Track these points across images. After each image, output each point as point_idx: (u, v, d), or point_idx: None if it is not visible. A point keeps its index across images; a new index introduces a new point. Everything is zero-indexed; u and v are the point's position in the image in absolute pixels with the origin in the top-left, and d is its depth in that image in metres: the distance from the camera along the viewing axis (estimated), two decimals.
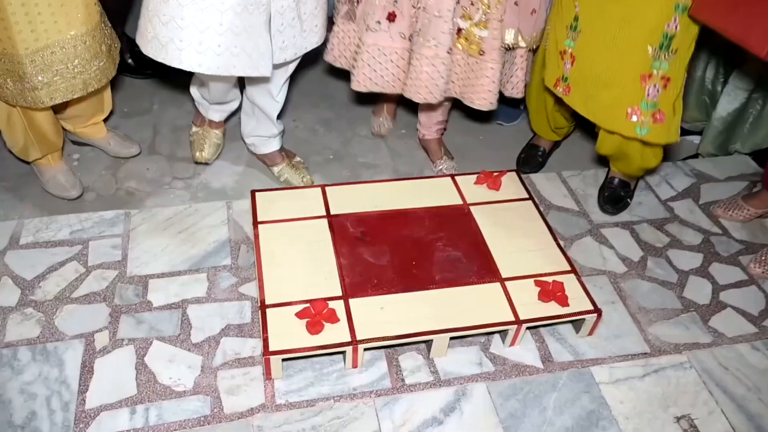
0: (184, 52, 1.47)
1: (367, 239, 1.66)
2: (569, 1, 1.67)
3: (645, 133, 1.68)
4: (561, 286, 1.56)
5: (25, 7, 1.47)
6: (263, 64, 1.55)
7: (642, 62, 1.61)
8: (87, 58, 1.62)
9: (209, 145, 2.04)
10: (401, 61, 1.77)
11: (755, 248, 1.89)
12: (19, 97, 1.61)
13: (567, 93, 1.77)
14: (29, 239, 1.70)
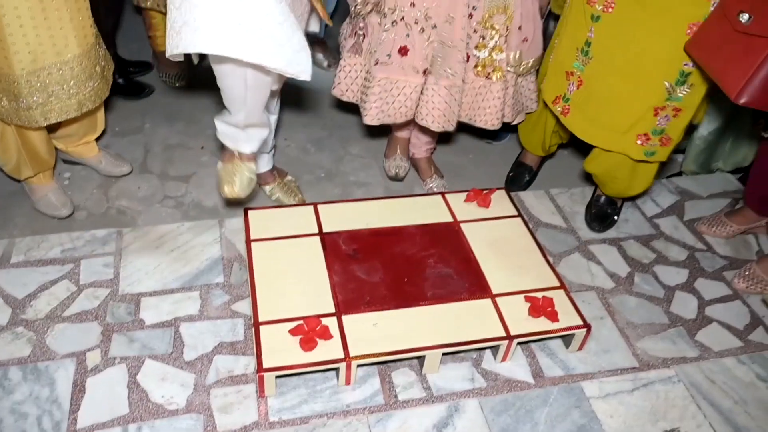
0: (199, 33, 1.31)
1: (359, 256, 1.68)
2: (583, 24, 1.68)
3: (651, 155, 1.73)
4: (551, 302, 1.59)
5: (23, 29, 1.49)
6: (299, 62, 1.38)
7: (657, 96, 1.63)
8: (82, 79, 1.63)
9: (240, 178, 1.76)
10: (414, 94, 1.78)
11: (739, 263, 1.93)
12: (13, 115, 1.63)
13: (565, 114, 1.79)
14: (20, 258, 1.70)
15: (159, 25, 2.41)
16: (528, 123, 2.10)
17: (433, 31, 1.67)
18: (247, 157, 1.75)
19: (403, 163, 2.13)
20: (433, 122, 1.81)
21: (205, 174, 2.15)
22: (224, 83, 1.53)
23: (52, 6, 1.51)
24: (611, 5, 1.59)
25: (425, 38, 1.68)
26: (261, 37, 1.31)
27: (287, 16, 1.33)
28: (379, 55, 1.72)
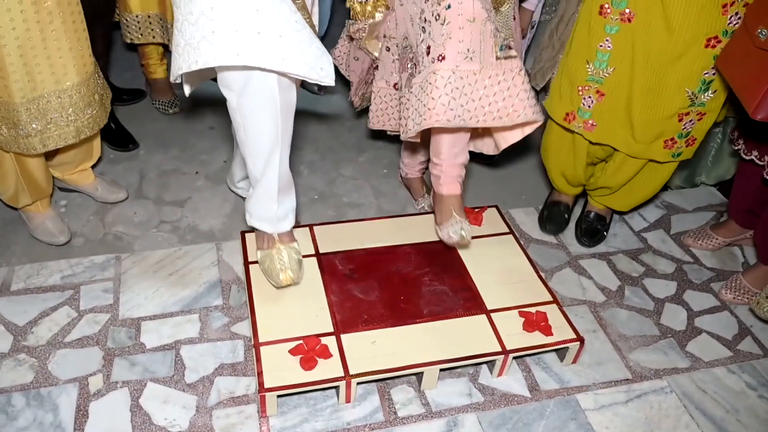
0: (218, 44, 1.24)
1: (355, 276, 1.71)
2: (594, 37, 1.67)
3: (677, 156, 1.78)
4: (544, 317, 1.62)
5: (23, 58, 1.52)
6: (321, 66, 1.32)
7: (680, 103, 1.66)
8: (81, 106, 1.67)
9: (290, 262, 1.62)
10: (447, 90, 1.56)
11: (725, 275, 1.98)
12: (12, 143, 1.65)
13: (590, 129, 1.79)
14: (20, 285, 1.71)
15: (152, 54, 2.46)
16: (551, 158, 2.01)
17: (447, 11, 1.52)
18: (288, 236, 1.67)
19: (466, 225, 1.73)
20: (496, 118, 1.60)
21: (200, 198, 2.18)
22: (253, 119, 1.42)
23: (52, 36, 1.55)
24: (631, 16, 1.59)
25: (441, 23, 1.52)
26: (282, 44, 1.26)
27: (304, 24, 1.30)
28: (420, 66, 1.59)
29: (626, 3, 1.58)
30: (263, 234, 1.65)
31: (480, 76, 1.51)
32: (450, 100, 1.50)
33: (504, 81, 1.53)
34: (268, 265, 1.62)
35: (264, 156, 1.48)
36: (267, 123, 1.42)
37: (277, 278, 1.59)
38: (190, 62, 1.26)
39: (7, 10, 1.45)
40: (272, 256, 1.62)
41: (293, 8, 1.28)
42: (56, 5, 1.53)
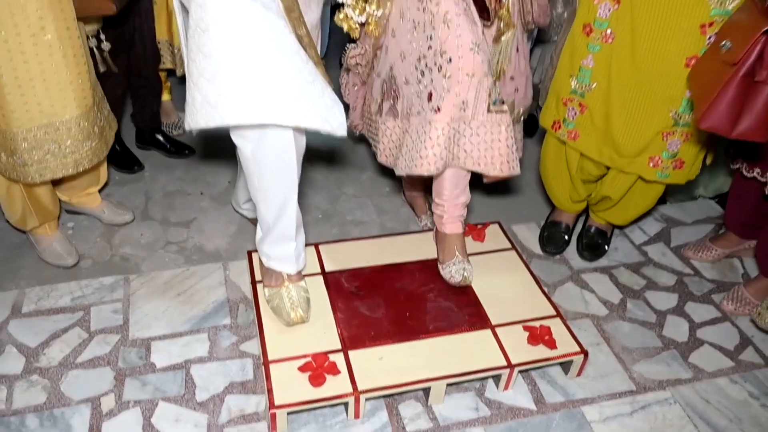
0: (235, 104, 1.26)
1: (361, 293, 1.74)
2: (578, 53, 1.73)
3: (665, 177, 1.79)
4: (548, 330, 1.65)
5: (21, 88, 1.53)
6: (333, 118, 1.34)
7: (663, 122, 1.68)
8: (80, 138, 1.67)
9: (300, 300, 1.64)
10: (441, 139, 1.63)
11: (726, 286, 2.01)
12: (10, 170, 1.67)
13: (574, 138, 1.84)
14: (31, 308, 1.74)
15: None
16: (550, 173, 2.04)
17: (449, 65, 1.58)
18: (297, 275, 1.68)
19: (468, 265, 1.79)
20: (492, 166, 1.67)
21: (206, 219, 2.21)
22: (269, 169, 1.44)
23: (51, 69, 1.54)
24: (611, 37, 1.65)
25: (443, 75, 1.59)
26: (297, 99, 1.28)
27: (315, 75, 1.33)
28: (414, 109, 1.66)
29: (608, 24, 1.64)
30: (272, 272, 1.66)
31: (470, 126, 1.61)
32: (441, 150, 1.61)
33: (491, 133, 1.62)
34: (277, 303, 1.63)
35: (279, 202, 1.51)
36: (283, 172, 1.45)
37: (288, 317, 1.61)
38: (207, 119, 1.28)
39: (5, 41, 1.46)
40: (281, 294, 1.63)
41: (305, 58, 1.31)
42: (57, 39, 1.53)
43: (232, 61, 1.24)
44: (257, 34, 1.24)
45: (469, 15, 1.56)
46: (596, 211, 2.08)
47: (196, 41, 1.26)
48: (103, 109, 1.79)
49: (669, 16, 1.53)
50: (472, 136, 1.61)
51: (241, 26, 1.23)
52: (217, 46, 1.23)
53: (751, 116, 1.34)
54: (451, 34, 1.54)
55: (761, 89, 1.32)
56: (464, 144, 1.62)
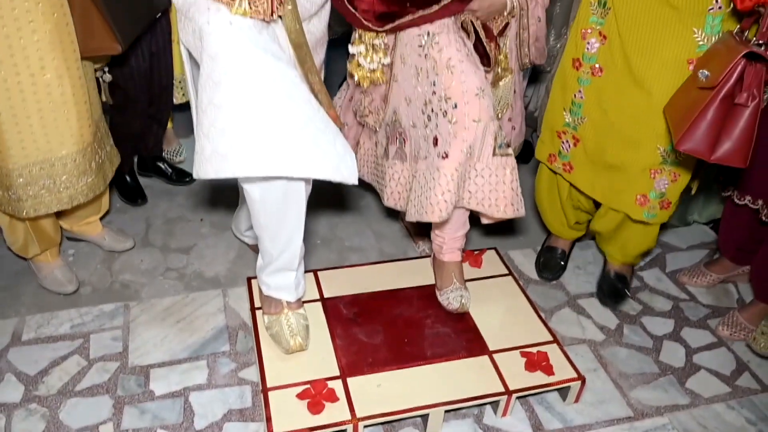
0: (246, 156, 1.25)
1: (360, 320, 1.75)
2: (569, 86, 1.75)
3: (652, 217, 1.78)
4: (545, 356, 1.66)
5: (18, 126, 1.53)
6: (344, 167, 1.33)
7: (652, 159, 1.68)
8: (75, 174, 1.66)
9: (299, 327, 1.64)
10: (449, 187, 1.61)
11: (721, 311, 2.03)
12: (6, 204, 1.67)
13: (569, 171, 1.86)
14: (31, 335, 1.75)
15: None
16: (544, 200, 2.07)
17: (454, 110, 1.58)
18: (297, 302, 1.69)
19: (465, 292, 1.81)
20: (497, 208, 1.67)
21: (205, 245, 2.22)
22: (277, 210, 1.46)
23: (49, 107, 1.55)
24: (600, 70, 1.67)
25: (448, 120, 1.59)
26: (309, 150, 1.28)
27: (327, 122, 1.33)
28: (422, 153, 1.68)
29: (596, 59, 1.67)
30: (272, 299, 1.67)
31: (475, 168, 1.61)
32: (450, 196, 1.60)
33: (495, 176, 1.62)
34: (276, 330, 1.64)
35: (284, 239, 1.53)
36: (290, 215, 1.48)
37: (287, 345, 1.61)
38: (217, 170, 1.27)
39: (3, 80, 1.47)
40: (281, 321, 1.65)
41: (316, 105, 1.32)
42: (56, 78, 1.53)
43: (244, 114, 1.24)
44: (268, 85, 1.25)
45: (471, 59, 1.58)
46: (602, 244, 2.05)
47: (207, 93, 1.26)
48: (104, 144, 1.79)
49: (657, 52, 1.56)
50: (476, 177, 1.62)
51: (252, 79, 1.24)
52: (228, 98, 1.24)
53: (730, 140, 1.35)
54: (455, 79, 1.55)
55: (740, 112, 1.32)
56: (469, 185, 1.63)
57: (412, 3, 1.52)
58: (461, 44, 1.57)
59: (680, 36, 1.52)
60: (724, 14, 1.47)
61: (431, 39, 1.57)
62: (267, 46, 1.27)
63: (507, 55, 1.70)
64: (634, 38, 1.57)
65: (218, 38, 1.24)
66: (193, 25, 1.29)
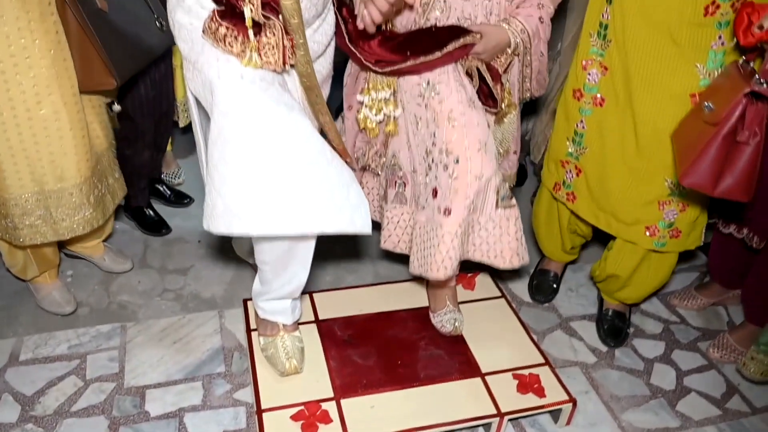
0: (260, 215, 1.24)
1: (354, 341, 1.77)
2: (571, 116, 1.77)
3: (662, 246, 1.76)
4: (537, 378, 1.68)
5: (14, 158, 1.56)
6: (358, 217, 1.32)
7: (659, 190, 1.67)
8: (71, 207, 1.68)
9: (294, 350, 1.65)
10: (455, 240, 1.59)
11: (711, 334, 2.05)
12: (2, 232, 1.69)
13: (572, 200, 1.85)
14: (29, 355, 1.77)
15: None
16: (542, 225, 2.08)
17: (456, 166, 1.56)
18: (293, 326, 1.71)
19: (459, 315, 1.83)
20: (502, 259, 1.66)
21: (203, 266, 2.25)
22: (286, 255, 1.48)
23: (45, 141, 1.57)
24: (602, 101, 1.68)
25: (449, 175, 1.57)
26: (319, 206, 1.26)
27: (341, 171, 1.31)
28: (420, 200, 1.66)
29: (597, 89, 1.69)
30: (267, 322, 1.69)
31: (478, 221, 1.61)
32: (455, 253, 1.58)
33: (499, 228, 1.62)
34: (272, 352, 1.66)
35: (289, 276, 1.55)
36: (298, 255, 1.50)
37: (282, 367, 1.63)
38: (229, 226, 1.26)
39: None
40: (276, 344, 1.66)
41: (329, 156, 1.29)
42: (52, 113, 1.55)
43: (257, 172, 1.23)
44: (282, 143, 1.24)
45: (473, 108, 1.56)
46: (608, 292, 2.01)
47: (218, 149, 1.25)
48: (106, 178, 1.80)
49: (659, 86, 1.56)
50: (480, 231, 1.61)
51: (265, 136, 1.23)
52: (241, 156, 1.23)
53: (732, 175, 1.38)
54: (456, 133, 1.53)
55: (742, 149, 1.35)
56: (473, 239, 1.63)
57: (413, 51, 1.50)
58: (463, 93, 1.55)
59: (683, 71, 1.53)
60: (727, 49, 1.49)
61: (431, 88, 1.55)
62: (279, 97, 1.26)
63: (510, 90, 1.68)
64: (637, 72, 1.58)
65: (229, 94, 1.23)
66: (202, 78, 1.28)
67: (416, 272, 1.67)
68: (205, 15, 1.26)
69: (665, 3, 1.48)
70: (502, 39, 1.55)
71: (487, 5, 1.57)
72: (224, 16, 1.23)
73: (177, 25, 1.34)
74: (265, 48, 1.23)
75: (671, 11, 1.48)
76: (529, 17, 1.58)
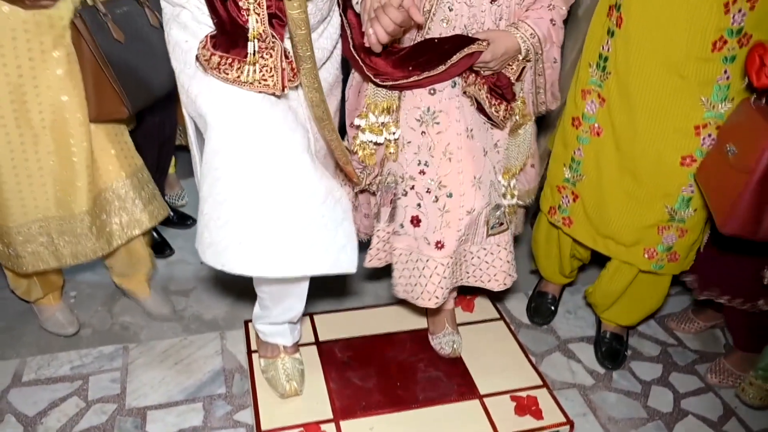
0: (245, 256, 1.25)
1: (354, 363, 1.79)
2: (568, 143, 1.78)
3: (659, 268, 1.77)
4: (535, 401, 1.70)
5: (19, 185, 1.58)
6: (344, 258, 1.31)
7: (659, 216, 1.68)
8: (74, 235, 1.68)
9: (294, 372, 1.67)
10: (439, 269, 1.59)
11: (709, 356, 2.06)
12: (5, 260, 1.71)
13: (568, 225, 1.86)
14: (32, 376, 1.79)
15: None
16: (541, 249, 2.09)
17: (448, 200, 1.55)
18: (293, 348, 1.71)
19: (457, 338, 1.84)
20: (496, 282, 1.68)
21: (204, 288, 2.27)
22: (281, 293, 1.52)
23: (49, 168, 1.59)
24: (600, 130, 1.69)
25: (438, 207, 1.55)
26: (305, 249, 1.25)
27: (332, 211, 1.28)
28: (395, 225, 1.63)
29: (595, 119, 1.70)
30: (268, 344, 1.70)
31: (470, 250, 1.62)
32: (446, 282, 1.58)
33: (491, 254, 1.63)
34: (272, 374, 1.67)
35: (286, 305, 1.59)
36: (294, 293, 1.54)
37: (282, 389, 1.64)
38: (214, 261, 1.27)
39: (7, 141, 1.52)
40: (276, 366, 1.67)
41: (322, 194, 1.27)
42: (60, 140, 1.57)
43: (244, 213, 1.23)
44: (273, 185, 1.22)
45: (471, 138, 1.52)
46: (602, 311, 2.02)
47: (208, 183, 1.25)
48: (115, 209, 1.78)
49: (663, 118, 1.57)
50: (473, 259, 1.63)
51: (256, 178, 1.22)
52: (230, 194, 1.23)
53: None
54: (452, 168, 1.50)
55: None
56: (466, 267, 1.64)
57: (416, 66, 1.43)
58: (462, 124, 1.51)
59: (688, 104, 1.54)
60: (731, 83, 1.51)
61: (431, 117, 1.51)
62: (276, 130, 1.23)
63: (524, 100, 1.60)
64: (641, 104, 1.58)
65: (222, 131, 1.22)
66: (196, 109, 1.26)
67: (401, 296, 1.67)
68: (202, 33, 1.21)
69: (672, 39, 1.49)
70: (511, 45, 1.44)
71: (495, 10, 1.46)
72: (217, 45, 1.19)
73: (171, 42, 1.29)
74: (263, 71, 1.19)
75: (678, 47, 1.49)
76: (540, 20, 1.48)
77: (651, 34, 1.52)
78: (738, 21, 1.44)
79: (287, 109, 1.30)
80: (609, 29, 1.61)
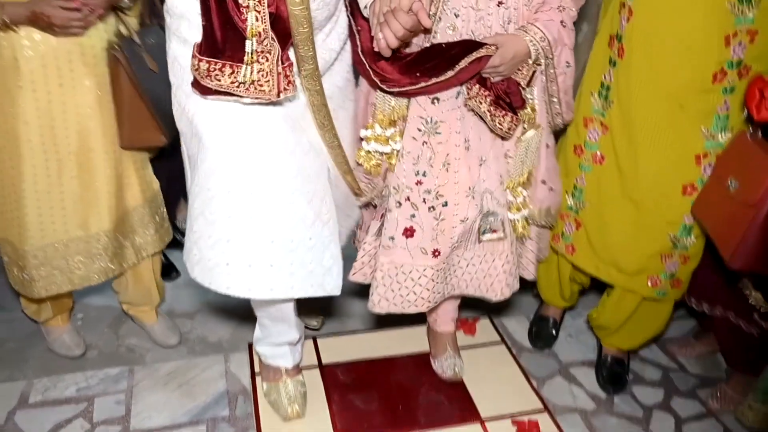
0: (232, 276, 1.27)
1: (356, 386, 1.81)
2: (571, 170, 1.79)
3: (662, 295, 1.79)
4: (536, 425, 1.71)
5: (40, 209, 1.60)
6: (329, 280, 1.36)
7: (661, 244, 1.69)
8: (88, 256, 1.71)
9: (297, 395, 1.69)
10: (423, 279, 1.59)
11: (710, 381, 2.07)
12: (19, 284, 1.74)
13: (571, 252, 1.86)
14: (38, 398, 1.81)
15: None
16: (541, 272, 2.03)
17: (444, 209, 1.55)
18: (293, 371, 1.72)
19: (459, 361, 1.86)
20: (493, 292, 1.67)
21: (209, 311, 2.29)
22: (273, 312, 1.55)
23: (70, 190, 1.62)
24: (602, 158, 1.71)
25: (434, 216, 1.55)
26: (290, 273, 1.28)
27: (320, 233, 1.30)
28: (383, 239, 1.59)
29: (597, 147, 1.72)
30: (270, 367, 1.73)
31: (463, 257, 1.62)
32: (435, 289, 1.59)
33: (485, 262, 1.62)
34: (274, 398, 1.70)
35: (285, 324, 1.62)
36: (287, 312, 1.58)
37: (285, 413, 1.66)
38: (202, 278, 1.31)
39: (32, 165, 1.56)
40: (279, 389, 1.70)
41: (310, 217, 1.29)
42: (86, 164, 1.60)
43: (233, 236, 1.25)
44: (265, 206, 1.25)
45: (468, 150, 1.52)
46: (606, 338, 2.03)
47: (199, 203, 1.27)
48: (133, 233, 1.82)
49: (665, 147, 1.59)
50: (469, 267, 1.63)
51: (247, 202, 1.24)
52: (222, 215, 1.25)
53: None
54: (449, 178, 1.51)
55: None
56: (462, 275, 1.64)
57: (423, 72, 1.39)
58: (461, 135, 1.50)
59: (688, 134, 1.57)
60: (731, 113, 1.54)
61: (433, 127, 1.49)
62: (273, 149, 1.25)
63: (534, 107, 1.55)
64: (642, 134, 1.60)
65: (217, 152, 1.23)
66: (192, 129, 1.28)
67: (383, 310, 1.63)
68: None
69: (674, 71, 1.52)
70: (520, 49, 1.39)
71: (503, 13, 1.42)
72: (203, 50, 1.17)
73: (170, 56, 1.29)
74: (259, 74, 1.16)
75: (680, 79, 1.52)
76: (549, 22, 1.42)
77: (652, 65, 1.55)
78: (738, 53, 1.47)
79: (288, 131, 1.30)
80: (611, 59, 1.64)
